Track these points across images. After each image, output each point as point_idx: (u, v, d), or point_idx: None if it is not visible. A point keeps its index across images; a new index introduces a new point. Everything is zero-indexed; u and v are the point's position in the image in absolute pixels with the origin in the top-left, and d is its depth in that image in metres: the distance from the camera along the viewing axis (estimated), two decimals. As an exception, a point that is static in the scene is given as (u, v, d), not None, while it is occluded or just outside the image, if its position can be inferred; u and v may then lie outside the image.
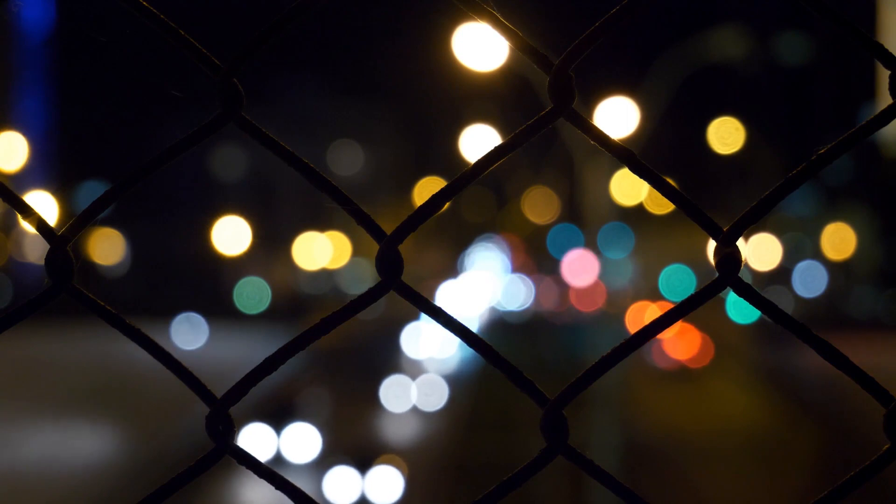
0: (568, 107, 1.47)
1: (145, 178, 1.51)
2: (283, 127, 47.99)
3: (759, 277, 48.59)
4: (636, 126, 19.03)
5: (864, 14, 44.25)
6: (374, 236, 1.49)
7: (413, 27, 47.09)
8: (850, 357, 1.49)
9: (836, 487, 1.49)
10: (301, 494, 1.51)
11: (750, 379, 34.91)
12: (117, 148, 51.11)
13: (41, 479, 18.83)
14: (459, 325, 1.49)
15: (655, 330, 1.49)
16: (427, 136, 59.47)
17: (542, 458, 1.50)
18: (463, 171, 1.47)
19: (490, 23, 1.45)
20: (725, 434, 23.57)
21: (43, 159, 51.46)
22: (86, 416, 24.17)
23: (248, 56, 1.48)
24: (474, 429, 23.70)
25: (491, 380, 25.69)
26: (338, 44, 56.05)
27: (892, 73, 1.45)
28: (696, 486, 19.83)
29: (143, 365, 7.23)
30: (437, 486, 19.24)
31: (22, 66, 53.12)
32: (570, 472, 12.99)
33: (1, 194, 1.50)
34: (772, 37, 50.79)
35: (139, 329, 1.51)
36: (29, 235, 45.99)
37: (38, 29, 52.55)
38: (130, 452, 20.94)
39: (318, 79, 57.75)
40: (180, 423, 21.58)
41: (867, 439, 19.46)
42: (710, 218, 1.48)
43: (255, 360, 1.53)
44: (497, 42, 14.21)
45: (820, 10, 1.45)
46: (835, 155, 1.48)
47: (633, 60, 30.38)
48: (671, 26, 41.89)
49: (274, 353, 1.51)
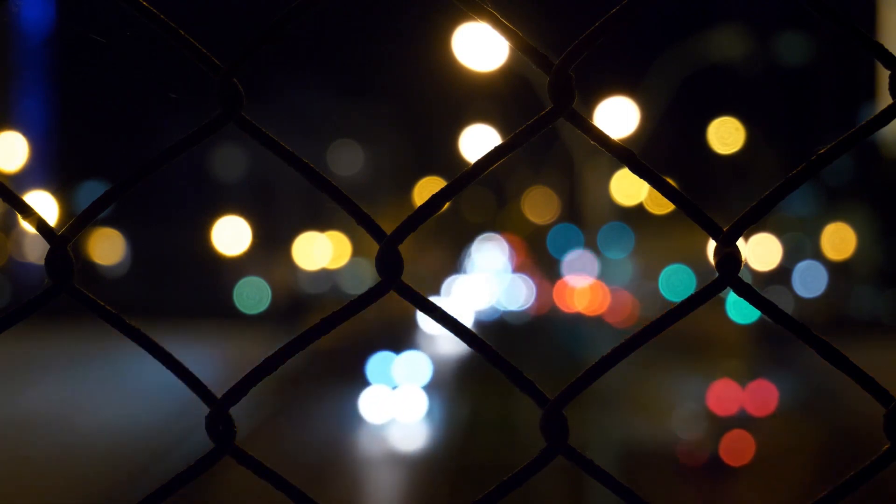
0: (568, 107, 1.47)
1: (145, 178, 1.51)
2: (283, 127, 47.98)
3: (759, 277, 48.57)
4: (636, 126, 19.05)
5: (864, 14, 44.25)
6: (374, 236, 1.49)
7: (413, 27, 47.09)
8: (850, 357, 1.49)
9: (836, 487, 1.50)
10: (301, 494, 1.52)
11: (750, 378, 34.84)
12: (117, 148, 51.10)
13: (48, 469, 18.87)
14: (459, 324, 1.49)
15: (655, 330, 1.49)
16: (427, 136, 59.46)
17: (542, 458, 1.50)
18: (463, 171, 1.47)
19: (490, 23, 1.45)
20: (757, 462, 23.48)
21: (43, 159, 51.46)
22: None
23: (248, 56, 1.48)
24: (474, 429, 23.68)
25: (491, 379, 25.69)
26: (338, 44, 56.04)
27: (892, 73, 1.46)
28: (696, 486, 19.82)
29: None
30: (437, 486, 19.23)
31: (22, 66, 53.13)
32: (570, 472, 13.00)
33: (1, 194, 1.50)
34: (772, 37, 50.79)
35: (139, 329, 1.51)
36: (29, 235, 46.00)
37: (38, 29, 52.56)
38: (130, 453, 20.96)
39: (318, 79, 57.75)
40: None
41: (867, 439, 19.44)
42: (710, 218, 1.48)
43: (254, 360, 1.53)
44: (497, 42, 14.21)
45: (820, 10, 1.45)
46: (835, 155, 1.48)
47: (633, 60, 30.37)
48: (671, 26, 41.87)
49: (274, 353, 1.51)
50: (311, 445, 21.36)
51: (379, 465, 20.70)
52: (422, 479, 19.81)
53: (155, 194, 52.56)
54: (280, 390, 24.46)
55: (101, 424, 23.19)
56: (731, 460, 21.56)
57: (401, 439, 22.67)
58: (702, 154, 47.04)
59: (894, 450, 1.49)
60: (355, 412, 24.54)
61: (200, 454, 1.51)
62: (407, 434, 23.14)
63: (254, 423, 21.87)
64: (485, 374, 28.07)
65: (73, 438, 21.79)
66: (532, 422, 1.60)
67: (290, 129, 49.95)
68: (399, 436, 22.91)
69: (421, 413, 24.63)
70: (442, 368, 29.75)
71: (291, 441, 21.73)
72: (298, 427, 23.22)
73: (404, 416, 24.20)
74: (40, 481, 18.64)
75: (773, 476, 19.79)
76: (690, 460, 21.38)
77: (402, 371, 25.75)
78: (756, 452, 22.41)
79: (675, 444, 22.08)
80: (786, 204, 29.17)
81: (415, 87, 54.74)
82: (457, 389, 27.56)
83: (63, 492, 18.15)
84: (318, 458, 20.55)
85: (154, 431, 21.79)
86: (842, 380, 1.53)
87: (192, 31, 1.49)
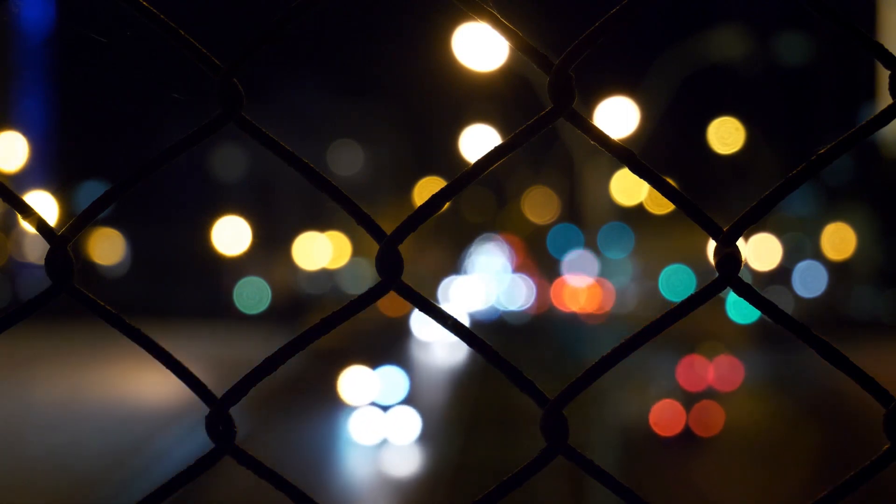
0: (568, 107, 1.47)
1: (145, 178, 1.51)
2: (283, 127, 47.99)
3: (759, 277, 48.59)
4: (636, 126, 19.05)
5: (864, 14, 44.25)
6: (374, 236, 1.49)
7: (413, 27, 47.10)
8: (850, 357, 1.49)
9: (836, 487, 1.50)
10: (301, 494, 1.52)
11: (750, 379, 34.88)
12: (117, 148, 51.10)
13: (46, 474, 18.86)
14: (459, 324, 1.49)
15: (655, 330, 1.49)
16: (427, 136, 59.45)
17: (542, 458, 1.50)
18: (463, 171, 1.47)
19: (490, 23, 1.45)
20: (726, 434, 23.56)
21: (43, 159, 51.47)
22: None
23: (248, 56, 1.48)
24: (474, 429, 23.66)
25: (491, 379, 25.67)
26: (338, 43, 56.03)
27: (892, 73, 1.46)
28: (696, 486, 19.81)
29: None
30: (436, 485, 19.22)
31: (22, 66, 53.13)
32: (570, 472, 13.00)
33: (1, 194, 1.50)
34: (772, 37, 50.80)
35: (139, 329, 1.51)
36: (29, 235, 46.00)
37: (38, 29, 52.57)
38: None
39: (318, 78, 57.75)
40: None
41: (867, 439, 19.46)
42: (710, 218, 1.48)
43: (254, 360, 1.53)
44: (497, 42, 14.21)
45: (820, 10, 1.45)
46: (835, 155, 1.48)
47: (633, 60, 30.37)
48: (671, 26, 41.88)
49: (274, 353, 1.51)
50: (293, 468, 20.10)
51: (368, 488, 19.66)
52: (422, 479, 19.80)
53: (155, 194, 52.55)
54: (255, 408, 22.75)
55: (101, 424, 23.18)
56: (700, 431, 22.08)
57: (391, 463, 21.33)
58: (702, 154, 47.05)
59: (894, 450, 1.49)
60: (338, 433, 23.04)
61: (200, 454, 1.51)
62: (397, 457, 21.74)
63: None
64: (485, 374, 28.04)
65: (73, 438, 21.78)
66: (532, 422, 1.60)
67: (290, 129, 49.95)
68: (389, 459, 21.52)
69: (411, 436, 22.63)
70: (427, 387, 28.40)
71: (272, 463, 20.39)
72: (278, 450, 21.26)
73: (394, 438, 22.26)
74: (40, 481, 18.64)
75: (774, 476, 19.81)
76: (663, 431, 21.82)
77: (377, 389, 23.34)
78: (724, 425, 22.83)
79: (646, 417, 22.29)
80: (786, 204, 29.21)
81: (415, 87, 54.74)
82: (444, 422, 25.20)
83: (63, 492, 18.15)
84: (302, 480, 19.48)
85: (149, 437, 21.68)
86: (842, 380, 1.53)
87: (192, 31, 1.49)
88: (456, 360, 32.67)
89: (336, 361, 25.00)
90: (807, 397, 27.08)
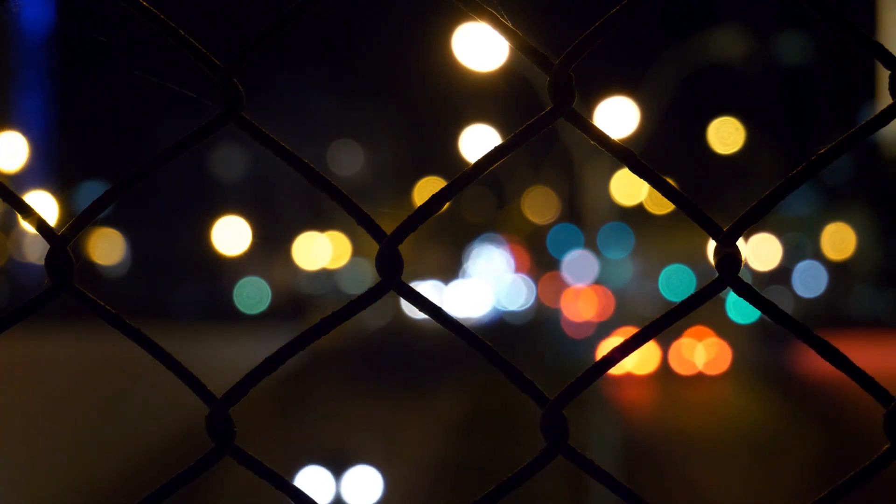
0: (568, 107, 1.47)
1: (145, 178, 1.51)
2: (283, 127, 47.97)
3: (759, 277, 48.59)
4: (636, 126, 19.05)
5: (864, 14, 44.23)
6: (374, 236, 1.49)
7: (413, 27, 47.09)
8: (850, 357, 1.49)
9: (836, 487, 1.49)
10: (301, 494, 1.51)
11: (750, 379, 34.92)
12: (117, 148, 51.09)
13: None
14: (459, 324, 1.49)
15: (654, 331, 1.49)
16: (427, 136, 59.42)
17: (542, 458, 1.50)
18: (463, 171, 1.47)
19: (490, 23, 1.45)
20: (726, 434, 23.59)
21: (43, 159, 51.45)
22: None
23: (248, 56, 1.48)
24: (474, 429, 23.67)
25: (491, 379, 25.71)
26: (338, 43, 56.04)
27: (892, 73, 1.46)
28: (696, 486, 19.83)
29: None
30: (436, 485, 19.21)
31: (22, 66, 53.12)
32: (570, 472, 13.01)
33: (1, 194, 1.50)
34: (772, 37, 50.80)
35: (139, 329, 1.51)
36: (29, 235, 45.99)
37: (38, 29, 52.56)
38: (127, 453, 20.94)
39: (318, 78, 57.74)
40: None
41: (867, 439, 19.46)
42: (710, 218, 1.48)
43: (254, 360, 1.53)
44: (497, 42, 14.22)
45: (820, 11, 1.45)
46: (835, 155, 1.48)
47: (633, 60, 30.36)
48: (671, 26, 41.87)
49: (274, 353, 1.51)
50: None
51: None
52: (421, 479, 19.75)
53: (155, 194, 52.55)
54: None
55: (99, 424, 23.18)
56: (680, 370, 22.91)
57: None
58: (702, 154, 47.05)
59: (894, 450, 1.49)
60: None
61: (200, 454, 1.51)
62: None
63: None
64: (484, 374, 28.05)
65: (72, 437, 21.77)
66: (532, 422, 1.60)
67: (290, 129, 49.94)
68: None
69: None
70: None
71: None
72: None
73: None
74: (41, 481, 18.62)
75: (774, 476, 19.82)
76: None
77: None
78: (724, 425, 23.10)
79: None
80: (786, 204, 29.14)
81: (415, 87, 54.72)
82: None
83: (63, 492, 18.14)
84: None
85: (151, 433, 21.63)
86: (842, 380, 1.53)
87: (192, 32, 1.49)
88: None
89: None
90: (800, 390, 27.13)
